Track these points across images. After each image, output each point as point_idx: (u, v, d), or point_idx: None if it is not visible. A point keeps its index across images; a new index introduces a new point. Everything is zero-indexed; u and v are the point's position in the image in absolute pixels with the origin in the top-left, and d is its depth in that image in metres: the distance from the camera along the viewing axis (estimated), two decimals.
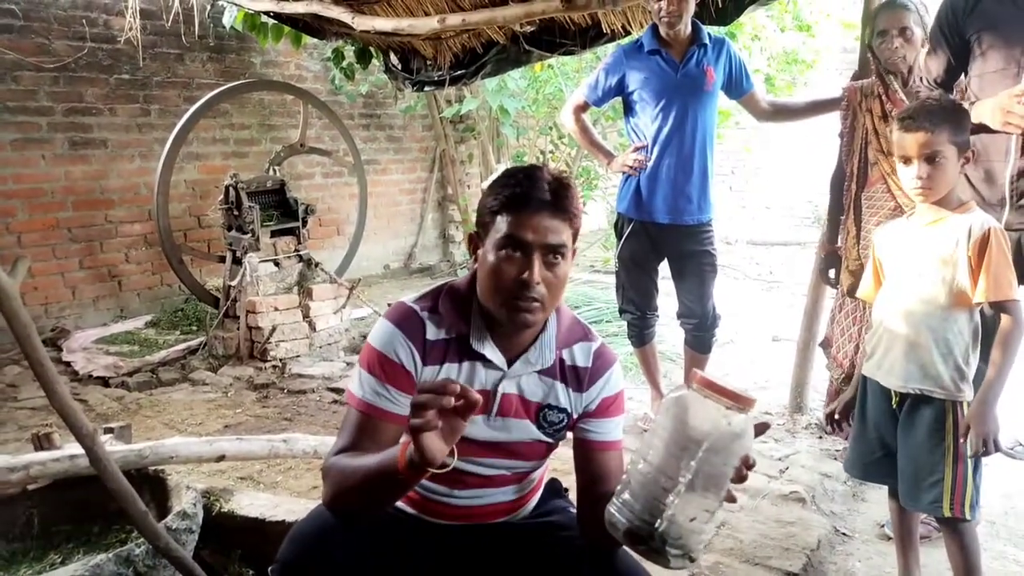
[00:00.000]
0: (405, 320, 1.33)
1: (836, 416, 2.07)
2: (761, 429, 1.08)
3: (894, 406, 1.90)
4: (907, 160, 1.80)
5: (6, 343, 4.51)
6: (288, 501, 2.10)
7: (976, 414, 1.76)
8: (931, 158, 1.76)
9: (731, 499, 1.06)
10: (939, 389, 1.81)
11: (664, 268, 3.15)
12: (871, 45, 2.58)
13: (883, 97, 2.54)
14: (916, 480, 1.85)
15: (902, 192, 2.39)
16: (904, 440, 1.88)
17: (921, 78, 2.44)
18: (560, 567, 1.36)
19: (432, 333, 1.33)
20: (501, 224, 1.26)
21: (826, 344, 2.88)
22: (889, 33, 2.47)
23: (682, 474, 1.00)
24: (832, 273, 2.80)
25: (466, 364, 1.34)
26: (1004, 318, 1.76)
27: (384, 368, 1.30)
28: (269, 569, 1.31)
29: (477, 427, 1.34)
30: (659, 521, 1.01)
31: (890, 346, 1.88)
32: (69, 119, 4.96)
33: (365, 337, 4.88)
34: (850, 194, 2.66)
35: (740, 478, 1.05)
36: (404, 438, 1.11)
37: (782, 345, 4.29)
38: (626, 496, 1.05)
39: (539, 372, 1.36)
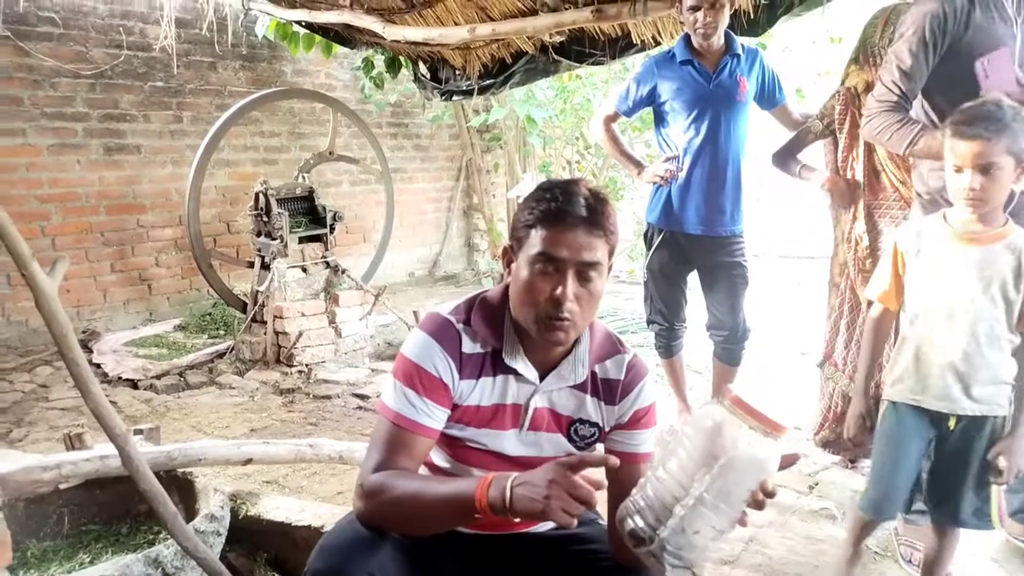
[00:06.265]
0: (442, 332, 1.31)
1: (853, 434, 1.98)
2: (789, 461, 1.06)
3: (952, 429, 1.78)
4: (959, 168, 1.69)
5: (38, 344, 4.59)
6: (314, 506, 2.10)
7: (1013, 447, 1.70)
8: (986, 169, 1.64)
9: (743, 523, 1.05)
10: (996, 407, 1.74)
11: (693, 279, 3.12)
12: (875, 44, 2.48)
13: None
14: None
15: (921, 197, 2.32)
16: (958, 464, 1.79)
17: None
18: None
19: (468, 346, 1.31)
20: (535, 239, 1.23)
21: (826, 360, 2.81)
22: None
23: (695, 487, 1.00)
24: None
25: (500, 378, 1.33)
26: None
27: (422, 381, 1.28)
28: None
29: (509, 441, 1.34)
30: (663, 528, 1.01)
31: (930, 368, 1.78)
32: (104, 125, 5.05)
33: (390, 344, 4.88)
34: (856, 204, 2.62)
35: (757, 504, 1.04)
36: (454, 476, 1.07)
37: (810, 359, 4.22)
38: (638, 497, 1.06)
39: (570, 386, 1.35)
